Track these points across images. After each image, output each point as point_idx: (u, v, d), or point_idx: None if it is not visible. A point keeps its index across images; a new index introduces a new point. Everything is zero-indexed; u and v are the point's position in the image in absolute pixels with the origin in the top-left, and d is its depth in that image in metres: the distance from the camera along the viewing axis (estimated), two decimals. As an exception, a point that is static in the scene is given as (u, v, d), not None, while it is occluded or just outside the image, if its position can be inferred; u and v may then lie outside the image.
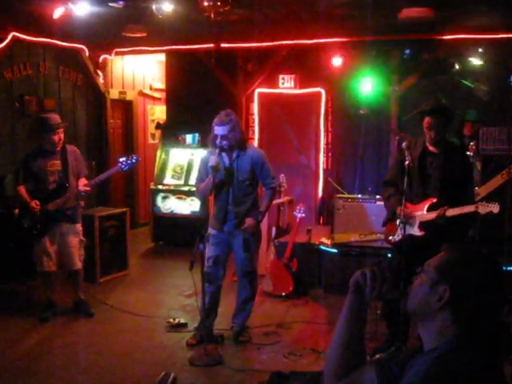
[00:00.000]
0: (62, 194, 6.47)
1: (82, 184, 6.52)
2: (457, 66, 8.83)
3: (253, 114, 10.58)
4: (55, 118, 6.53)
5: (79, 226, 6.72)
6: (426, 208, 5.18)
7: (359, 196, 7.88)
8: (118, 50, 10.52)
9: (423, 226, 5.18)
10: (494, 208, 4.85)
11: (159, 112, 12.34)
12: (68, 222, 6.56)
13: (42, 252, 6.53)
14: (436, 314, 1.91)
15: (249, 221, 5.77)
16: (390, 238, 5.43)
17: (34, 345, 5.94)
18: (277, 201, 8.07)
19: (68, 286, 6.98)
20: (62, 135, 6.51)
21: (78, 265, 6.70)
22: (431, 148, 5.30)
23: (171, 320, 6.47)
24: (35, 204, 6.38)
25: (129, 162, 6.47)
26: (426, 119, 5.21)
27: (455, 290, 1.88)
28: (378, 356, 5.31)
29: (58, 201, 6.43)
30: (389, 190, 5.50)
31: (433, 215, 5.07)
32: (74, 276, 6.81)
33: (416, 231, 5.20)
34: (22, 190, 6.53)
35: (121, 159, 6.53)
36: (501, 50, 8.34)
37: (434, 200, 5.15)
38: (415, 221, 5.20)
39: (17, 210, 6.57)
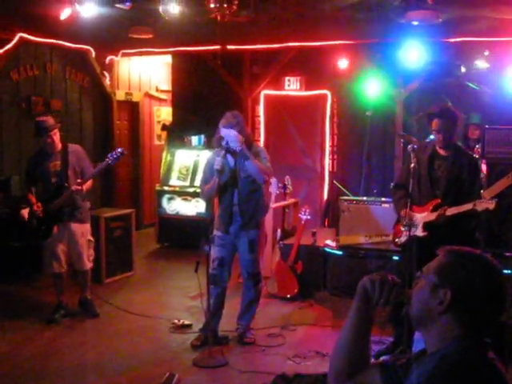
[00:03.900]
0: (61, 194, 6.44)
1: (75, 183, 6.42)
2: (462, 69, 8.82)
3: (259, 116, 10.60)
4: (48, 120, 6.49)
5: (87, 226, 6.75)
6: (430, 209, 5.19)
7: (364, 198, 7.86)
8: (125, 51, 10.54)
9: (427, 226, 5.19)
10: (490, 205, 4.85)
11: (165, 113, 12.36)
12: (76, 222, 6.56)
13: (50, 253, 6.55)
14: (438, 318, 1.92)
15: None
16: (397, 240, 5.45)
17: (41, 345, 5.95)
18: (282, 203, 8.07)
19: (74, 287, 6.98)
20: (56, 136, 6.49)
21: (87, 265, 6.72)
22: (440, 151, 5.33)
23: (176, 321, 6.47)
24: (37, 207, 6.42)
25: (114, 155, 6.38)
26: (434, 122, 5.24)
27: (456, 292, 1.88)
28: (382, 359, 5.32)
29: (58, 201, 6.41)
30: (398, 193, 5.52)
31: (431, 216, 5.09)
32: (81, 276, 6.80)
33: (420, 232, 5.21)
34: (29, 193, 6.59)
35: (108, 154, 6.46)
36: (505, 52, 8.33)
37: (439, 201, 5.17)
38: (419, 222, 5.22)
39: (25, 211, 6.59)
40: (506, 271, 5.09)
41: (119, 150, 6.50)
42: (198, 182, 9.49)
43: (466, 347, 1.86)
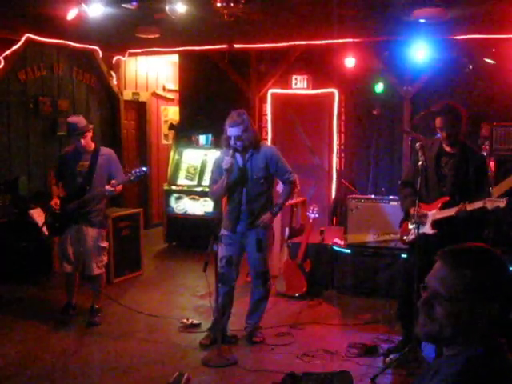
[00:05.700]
0: (82, 195, 6.39)
1: (110, 184, 6.35)
2: (470, 66, 8.79)
3: (266, 115, 10.59)
4: (80, 122, 6.43)
5: (101, 232, 6.59)
6: (439, 207, 5.18)
7: (372, 196, 7.85)
8: (132, 51, 10.57)
9: (436, 224, 5.18)
10: (501, 203, 4.83)
11: (172, 113, 12.38)
12: (89, 225, 6.44)
13: (61, 253, 6.55)
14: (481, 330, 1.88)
15: (264, 216, 5.78)
16: (404, 237, 5.45)
17: (49, 345, 5.96)
18: (290, 202, 8.06)
19: (86, 286, 6.95)
20: (87, 139, 6.43)
21: (94, 270, 6.53)
22: (447, 148, 5.30)
23: (185, 320, 6.48)
24: (54, 203, 6.41)
25: (138, 173, 6.37)
26: (437, 119, 5.23)
27: (502, 303, 1.84)
28: (392, 356, 5.29)
29: (76, 202, 6.36)
30: (405, 191, 5.51)
31: (449, 212, 5.05)
32: (91, 281, 6.68)
33: (428, 230, 5.20)
34: (54, 187, 6.62)
35: (132, 171, 6.44)
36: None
37: (447, 199, 5.15)
38: (428, 220, 5.20)
39: (33, 212, 6.59)
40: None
41: (144, 169, 6.47)
42: (205, 182, 9.54)
43: (489, 349, 1.83)
